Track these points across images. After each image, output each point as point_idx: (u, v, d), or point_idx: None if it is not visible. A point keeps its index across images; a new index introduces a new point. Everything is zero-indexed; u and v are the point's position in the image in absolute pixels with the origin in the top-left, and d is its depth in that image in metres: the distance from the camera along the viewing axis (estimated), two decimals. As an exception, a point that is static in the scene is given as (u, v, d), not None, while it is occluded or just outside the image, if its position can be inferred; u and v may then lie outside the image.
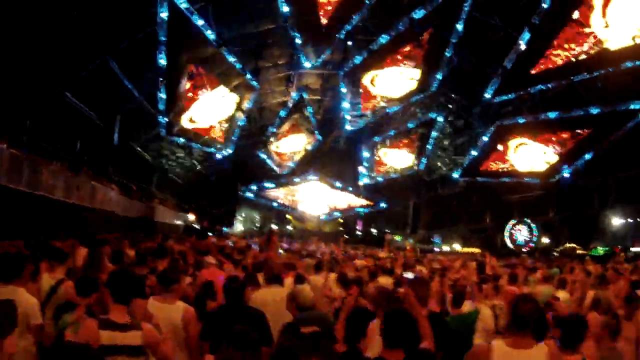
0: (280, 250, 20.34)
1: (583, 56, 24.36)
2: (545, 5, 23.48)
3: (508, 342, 4.55)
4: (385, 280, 11.17)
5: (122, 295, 4.95)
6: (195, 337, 5.99)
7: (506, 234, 45.25)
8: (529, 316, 4.47)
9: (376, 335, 5.29)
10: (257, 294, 7.54)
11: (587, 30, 23.40)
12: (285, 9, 25.13)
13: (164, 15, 22.89)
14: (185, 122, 31.48)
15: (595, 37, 23.25)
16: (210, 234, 29.59)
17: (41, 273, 7.40)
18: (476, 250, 44.50)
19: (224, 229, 46.72)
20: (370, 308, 7.28)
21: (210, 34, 25.97)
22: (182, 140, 33.12)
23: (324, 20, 27.21)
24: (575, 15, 23.48)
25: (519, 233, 44.56)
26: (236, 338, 3.70)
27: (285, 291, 7.72)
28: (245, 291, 6.78)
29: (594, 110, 27.87)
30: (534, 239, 43.56)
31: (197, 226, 38.11)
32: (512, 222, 45.08)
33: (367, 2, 26.33)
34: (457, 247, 50.73)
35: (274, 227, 51.86)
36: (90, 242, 11.75)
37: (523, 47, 25.16)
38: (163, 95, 27.05)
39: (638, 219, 33.98)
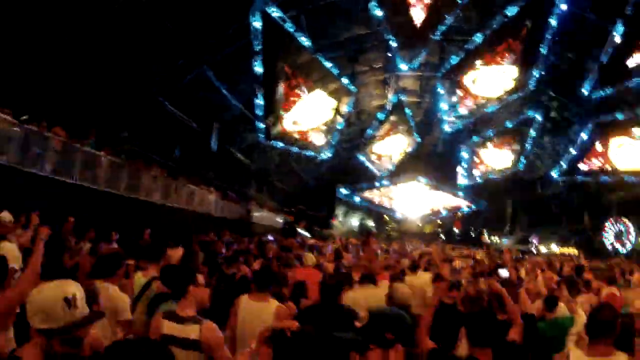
0: (379, 251, 20.54)
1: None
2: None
3: (586, 350, 4.51)
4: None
5: (177, 289, 5.31)
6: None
7: (604, 234, 44.20)
8: (606, 323, 4.40)
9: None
10: (349, 293, 7.66)
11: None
12: (378, 13, 25.25)
13: (258, 24, 23.37)
14: (287, 124, 31.86)
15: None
16: (308, 234, 29.91)
17: (132, 272, 7.75)
18: (574, 251, 43.65)
19: (323, 231, 47.02)
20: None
21: (305, 41, 26.35)
22: (280, 144, 33.53)
23: (417, 22, 27.23)
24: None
25: (618, 233, 43.46)
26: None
27: (378, 291, 7.95)
28: (341, 291, 6.94)
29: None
30: (633, 240, 42.42)
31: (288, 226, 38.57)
32: (611, 222, 43.98)
33: (459, 1, 26.21)
34: (554, 248, 49.76)
35: (372, 228, 51.96)
36: (185, 242, 12.23)
37: (618, 39, 24.53)
38: (260, 102, 27.55)
39: None
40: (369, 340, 2.87)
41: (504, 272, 11.74)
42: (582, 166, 36.46)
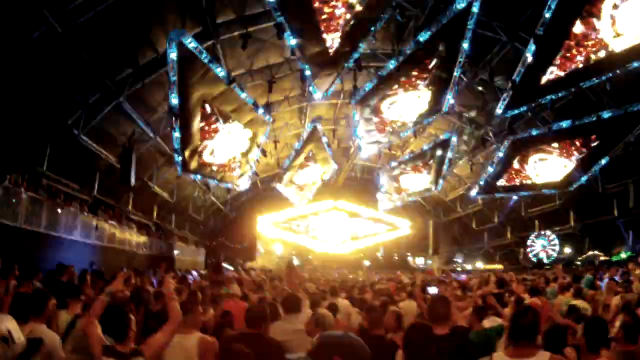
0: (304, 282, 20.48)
1: (590, 61, 24.32)
2: (548, 15, 23.49)
3: (508, 352, 4.71)
4: (408, 304, 11.35)
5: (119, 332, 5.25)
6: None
7: (528, 247, 45.17)
8: (527, 326, 4.64)
9: None
10: (276, 324, 7.69)
11: (592, 36, 23.36)
12: (293, 41, 25.32)
13: (174, 55, 23.12)
14: (205, 156, 31.54)
15: (600, 41, 23.20)
16: (231, 268, 29.66)
17: (54, 310, 7.55)
18: (499, 267, 44.55)
19: (246, 263, 46.87)
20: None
21: (220, 72, 26.21)
22: (199, 177, 33.15)
23: (331, 50, 27.38)
24: (579, 25, 23.44)
25: (540, 246, 44.44)
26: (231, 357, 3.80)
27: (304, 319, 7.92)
28: (266, 320, 6.96)
29: (606, 115, 27.83)
30: (556, 250, 43.43)
31: (214, 260, 38.32)
32: (533, 235, 45.00)
33: (372, 29, 26.46)
34: (479, 265, 50.66)
35: (295, 258, 51.92)
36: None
37: (530, 59, 25.18)
38: (177, 134, 27.20)
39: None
40: None
41: (432, 290, 11.95)
42: (501, 183, 37.18)
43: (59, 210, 22.31)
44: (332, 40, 26.45)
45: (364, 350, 2.93)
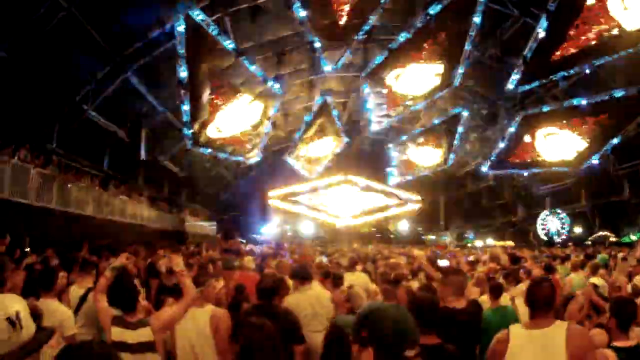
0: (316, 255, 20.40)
1: (603, 39, 24.08)
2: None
3: (526, 324, 4.62)
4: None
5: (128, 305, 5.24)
6: (224, 340, 6.03)
7: (538, 225, 44.94)
8: (543, 297, 4.52)
9: None
10: (290, 297, 7.78)
11: (604, 13, 23.13)
12: (302, 13, 25.09)
13: (181, 28, 22.93)
14: (212, 132, 31.37)
15: (613, 18, 22.97)
16: (241, 240, 29.72)
17: (64, 284, 7.51)
18: (510, 243, 44.35)
19: (256, 236, 46.89)
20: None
21: (228, 44, 25.99)
22: (209, 151, 33.03)
23: (341, 22, 27.14)
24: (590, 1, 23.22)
25: (551, 224, 44.23)
26: (252, 329, 3.69)
27: (319, 292, 8.03)
28: (277, 292, 6.92)
29: (618, 94, 27.56)
30: (566, 229, 43.23)
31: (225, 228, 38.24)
32: (544, 213, 44.77)
33: (382, 1, 26.22)
34: (490, 241, 50.44)
35: (306, 231, 51.89)
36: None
37: (542, 34, 24.94)
38: (187, 108, 27.06)
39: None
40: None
41: (443, 262, 11.86)
42: (512, 159, 36.99)
43: (70, 186, 22.19)
44: (342, 12, 26.27)
45: (410, 320, 2.79)
